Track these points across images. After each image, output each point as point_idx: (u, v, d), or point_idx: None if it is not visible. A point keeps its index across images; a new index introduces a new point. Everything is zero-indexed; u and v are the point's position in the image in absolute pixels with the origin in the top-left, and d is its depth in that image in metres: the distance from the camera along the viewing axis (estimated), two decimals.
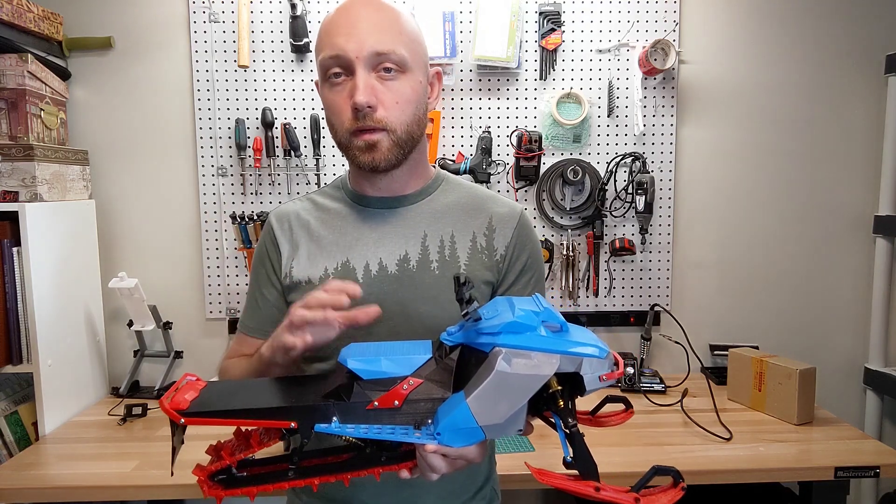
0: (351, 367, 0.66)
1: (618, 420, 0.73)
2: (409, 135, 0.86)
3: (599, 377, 0.63)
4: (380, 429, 0.64)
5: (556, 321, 0.65)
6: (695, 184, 1.91)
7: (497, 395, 0.61)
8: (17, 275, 1.48)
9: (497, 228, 0.93)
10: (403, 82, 0.84)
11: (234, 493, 0.68)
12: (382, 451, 0.69)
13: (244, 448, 0.67)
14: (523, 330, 0.63)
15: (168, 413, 0.62)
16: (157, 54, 1.82)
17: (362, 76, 0.81)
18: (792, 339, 1.95)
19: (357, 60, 0.81)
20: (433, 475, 0.68)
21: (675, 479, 0.61)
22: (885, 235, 1.89)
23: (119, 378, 1.85)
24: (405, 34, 0.85)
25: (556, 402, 0.63)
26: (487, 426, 0.63)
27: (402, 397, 0.65)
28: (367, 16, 0.82)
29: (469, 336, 0.66)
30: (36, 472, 1.34)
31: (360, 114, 0.82)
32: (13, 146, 1.52)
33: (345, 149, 0.87)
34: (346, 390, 0.66)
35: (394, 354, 0.68)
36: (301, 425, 0.64)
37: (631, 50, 1.83)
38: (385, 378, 0.66)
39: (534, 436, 1.45)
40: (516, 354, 0.61)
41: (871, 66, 1.88)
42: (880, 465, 1.32)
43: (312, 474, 0.69)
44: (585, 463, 0.61)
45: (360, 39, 0.81)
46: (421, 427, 0.65)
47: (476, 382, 0.62)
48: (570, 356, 0.62)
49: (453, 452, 0.65)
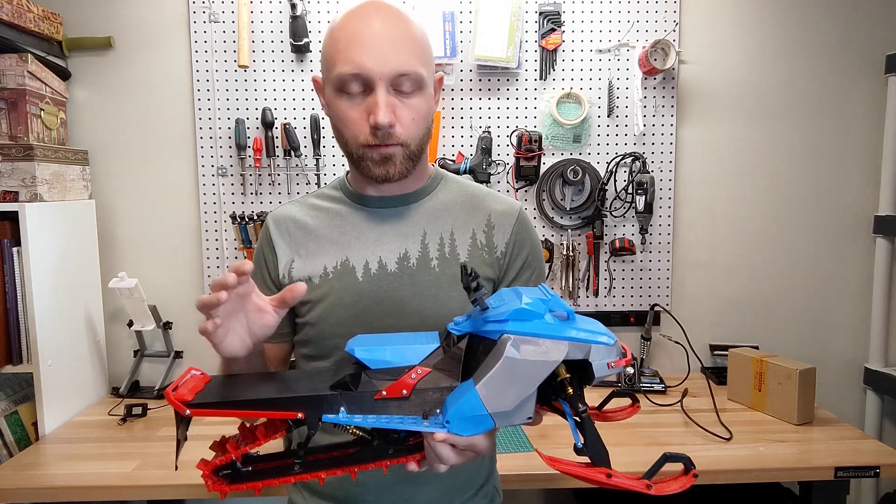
0: (358, 356, 0.66)
1: (624, 414, 0.72)
2: (420, 147, 0.87)
3: (608, 364, 0.63)
4: (388, 419, 0.64)
5: (563, 309, 0.65)
6: (695, 184, 1.91)
7: (506, 381, 0.61)
8: (17, 275, 1.48)
9: (496, 225, 0.93)
10: (419, 100, 0.84)
11: (239, 488, 0.67)
12: (390, 443, 0.68)
13: (250, 441, 0.66)
14: (531, 317, 0.63)
15: (174, 404, 0.62)
16: (157, 54, 1.82)
17: (383, 96, 0.80)
18: (792, 339, 1.95)
19: (380, 81, 0.80)
20: (442, 466, 0.67)
21: (686, 467, 0.61)
22: (885, 235, 1.89)
23: (119, 378, 1.85)
24: (421, 48, 0.84)
25: (564, 390, 0.63)
26: (497, 413, 0.62)
27: (411, 387, 0.65)
28: (387, 32, 0.81)
29: (477, 325, 0.66)
30: (36, 472, 1.34)
31: (379, 132, 0.81)
32: (13, 146, 1.52)
33: (356, 160, 0.86)
34: (354, 380, 0.65)
35: (401, 344, 0.67)
36: (308, 416, 0.63)
37: (631, 50, 1.83)
38: (393, 367, 0.66)
39: (534, 436, 1.46)
40: (525, 341, 0.61)
41: (871, 66, 1.88)
42: (880, 465, 1.32)
43: (319, 468, 0.68)
44: (597, 449, 0.61)
45: (383, 58, 0.80)
46: (429, 417, 0.64)
47: (485, 369, 0.62)
48: (579, 343, 0.62)
49: (462, 442, 0.64)
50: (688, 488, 0.60)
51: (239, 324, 0.73)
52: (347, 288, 0.89)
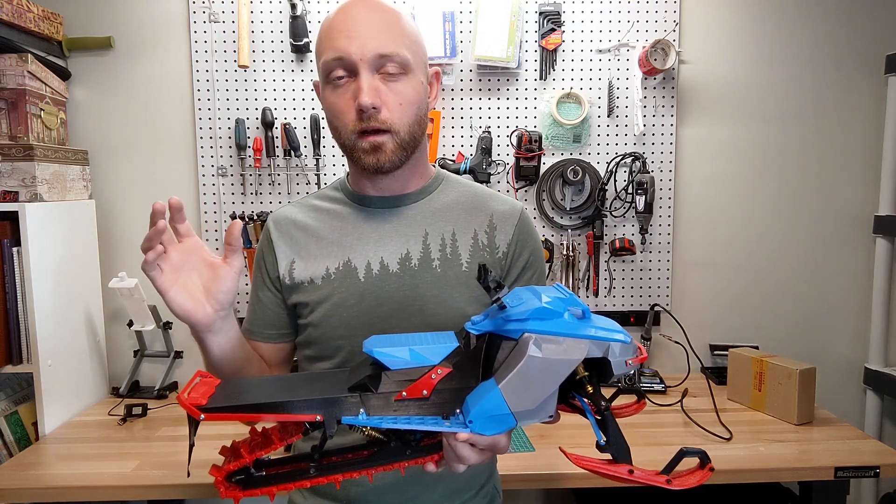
0: (377, 356, 0.65)
1: (631, 411, 0.73)
2: (412, 136, 0.86)
3: (626, 362, 0.64)
4: (409, 419, 0.63)
5: (579, 307, 0.65)
6: (695, 184, 1.91)
7: (528, 380, 0.61)
8: (17, 275, 1.48)
9: (498, 226, 0.93)
10: (406, 84, 0.84)
11: (253, 494, 0.66)
12: (406, 444, 0.68)
13: (264, 445, 0.65)
14: (551, 316, 0.63)
15: (187, 408, 0.60)
16: (157, 54, 1.82)
17: (366, 78, 0.81)
18: (792, 339, 1.95)
19: (361, 62, 0.81)
20: (461, 466, 0.67)
21: (702, 461, 0.62)
22: (885, 235, 1.89)
23: (119, 378, 1.85)
24: (407, 36, 0.85)
25: (584, 388, 0.63)
26: (519, 412, 0.62)
27: (432, 386, 0.64)
28: (368, 18, 0.83)
29: (497, 324, 0.65)
30: (36, 472, 1.34)
31: (364, 115, 0.82)
32: (13, 146, 1.52)
33: (349, 151, 0.87)
34: (374, 381, 0.64)
35: (419, 344, 0.66)
36: (327, 418, 0.62)
37: (631, 50, 1.83)
38: (412, 367, 0.65)
39: (533, 435, 1.46)
40: (547, 340, 0.61)
41: (871, 66, 1.88)
42: (880, 465, 1.32)
43: (335, 471, 0.68)
44: (619, 446, 0.62)
45: (363, 41, 0.81)
46: (449, 417, 0.64)
47: (507, 369, 0.62)
48: (599, 341, 0.63)
49: (484, 442, 0.64)
50: (705, 482, 0.60)
51: (190, 281, 0.75)
52: (349, 289, 0.89)
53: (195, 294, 0.75)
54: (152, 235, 0.71)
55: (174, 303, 0.74)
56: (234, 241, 0.75)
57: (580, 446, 0.64)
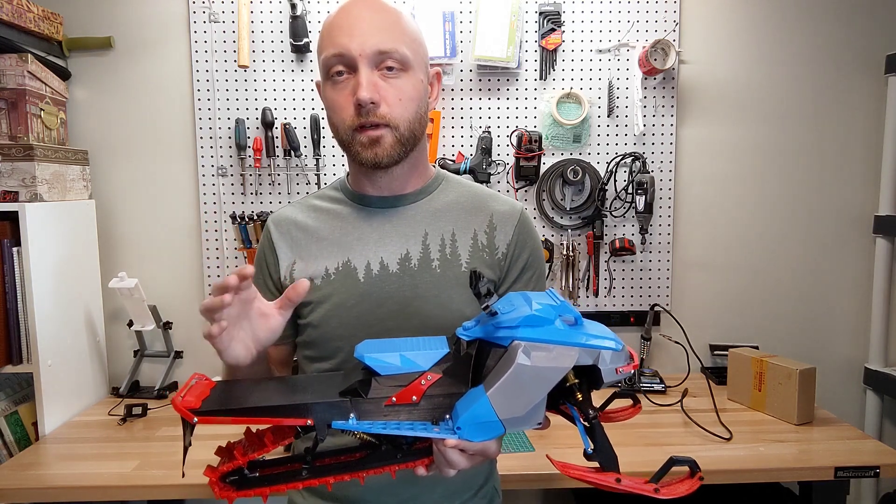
0: (368, 362, 0.65)
1: (626, 415, 0.73)
2: (411, 132, 0.86)
3: (616, 369, 0.64)
4: (398, 425, 0.64)
5: (571, 314, 0.65)
6: (695, 184, 1.91)
7: (517, 388, 0.61)
8: (17, 275, 1.48)
9: (498, 226, 0.93)
10: (405, 80, 0.85)
11: (246, 494, 0.67)
12: (398, 448, 0.68)
13: (257, 447, 0.66)
14: (541, 323, 0.63)
15: (180, 412, 0.61)
16: (156, 54, 1.82)
17: (365, 73, 0.82)
18: (792, 339, 1.95)
19: (360, 58, 0.82)
20: (450, 471, 0.67)
21: (692, 470, 0.62)
22: (885, 235, 1.89)
23: (119, 378, 1.85)
24: (407, 34, 0.85)
25: (574, 395, 0.63)
26: (508, 419, 0.63)
27: (421, 392, 0.65)
28: (368, 15, 0.83)
29: (487, 330, 0.66)
30: (36, 472, 1.34)
31: (363, 110, 0.82)
32: (13, 146, 1.52)
33: (347, 145, 0.87)
34: (364, 386, 0.65)
35: (410, 350, 0.67)
36: (318, 422, 0.63)
37: (631, 50, 1.83)
38: (402, 373, 0.65)
39: (532, 436, 1.45)
40: (536, 348, 0.61)
41: (871, 66, 1.88)
42: (880, 465, 1.32)
43: (327, 473, 0.68)
44: (606, 454, 0.62)
45: (363, 38, 0.82)
46: (439, 422, 0.64)
47: (496, 376, 0.62)
48: (589, 349, 0.63)
49: (473, 447, 0.65)
50: (694, 491, 0.60)
51: (243, 331, 0.73)
52: (349, 289, 0.89)
53: (247, 343, 0.74)
54: (215, 307, 0.67)
55: (230, 357, 0.73)
56: (296, 298, 0.74)
57: (580, 446, 0.64)
